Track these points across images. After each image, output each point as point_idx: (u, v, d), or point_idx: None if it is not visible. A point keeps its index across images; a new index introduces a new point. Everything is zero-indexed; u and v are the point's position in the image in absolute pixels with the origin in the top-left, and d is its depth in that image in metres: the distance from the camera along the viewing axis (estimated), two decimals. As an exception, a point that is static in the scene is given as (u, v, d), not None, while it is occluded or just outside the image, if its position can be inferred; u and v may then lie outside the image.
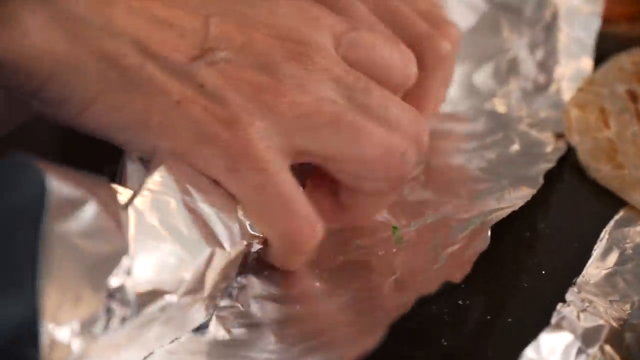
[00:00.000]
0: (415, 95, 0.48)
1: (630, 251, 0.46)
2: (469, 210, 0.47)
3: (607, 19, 0.65)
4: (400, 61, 0.44)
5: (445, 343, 0.41)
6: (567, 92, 0.57)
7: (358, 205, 0.45)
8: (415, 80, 0.46)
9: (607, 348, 0.40)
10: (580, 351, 0.40)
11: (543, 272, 0.45)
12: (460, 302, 0.44)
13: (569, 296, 0.42)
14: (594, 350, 0.40)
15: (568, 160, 0.53)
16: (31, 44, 0.37)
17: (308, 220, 0.41)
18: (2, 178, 0.32)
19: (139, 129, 0.39)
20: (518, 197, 0.48)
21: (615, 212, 0.49)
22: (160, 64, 0.39)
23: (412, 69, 0.45)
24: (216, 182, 0.40)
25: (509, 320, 0.43)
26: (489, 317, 0.43)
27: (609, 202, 0.50)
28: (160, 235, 0.37)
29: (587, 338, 0.40)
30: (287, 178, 0.40)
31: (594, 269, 0.45)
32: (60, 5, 0.37)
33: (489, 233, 0.44)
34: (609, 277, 0.45)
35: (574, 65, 0.59)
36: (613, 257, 0.46)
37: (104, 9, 0.38)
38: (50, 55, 0.37)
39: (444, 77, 0.50)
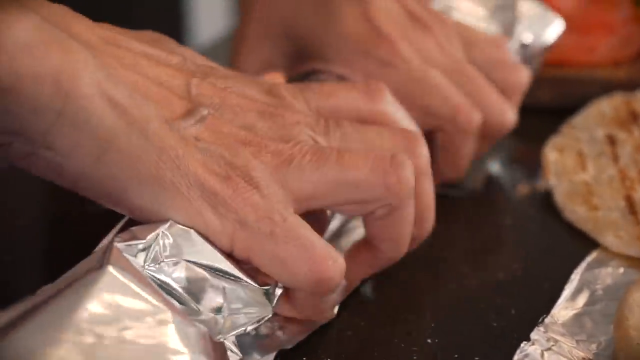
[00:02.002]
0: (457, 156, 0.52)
1: (601, 292, 0.47)
2: None
3: (591, 64, 0.66)
4: (361, 100, 0.46)
5: (411, 380, 0.42)
6: None
7: (382, 231, 0.44)
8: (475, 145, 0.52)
9: (569, 386, 0.41)
10: (541, 389, 0.40)
11: (513, 311, 0.46)
12: (429, 340, 0.44)
13: (534, 335, 0.43)
14: (555, 388, 0.40)
15: (545, 202, 0.54)
16: (42, 76, 0.37)
17: (329, 256, 0.41)
18: None
19: (152, 188, 0.39)
20: None
21: (588, 253, 0.49)
22: (161, 118, 0.40)
23: (375, 104, 0.46)
24: None
25: (476, 358, 0.43)
26: (456, 356, 0.43)
27: (583, 243, 0.50)
28: None
29: (549, 376, 0.41)
30: (297, 220, 0.41)
31: (564, 309, 0.46)
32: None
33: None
34: (578, 317, 0.45)
35: None
36: (583, 297, 0.46)
37: (106, 60, 0.40)
38: (59, 91, 0.37)
39: (495, 141, 0.55)
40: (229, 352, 0.41)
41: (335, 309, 0.45)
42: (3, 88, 0.37)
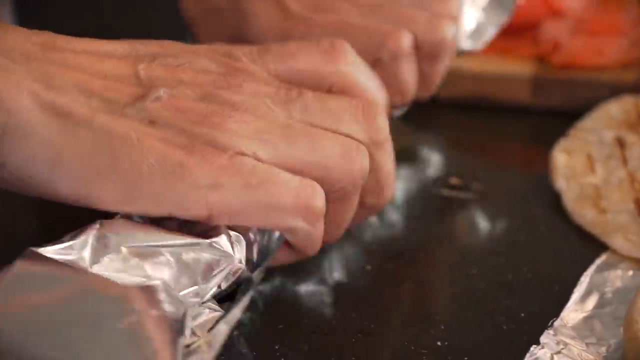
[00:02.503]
0: (421, 83, 0.53)
1: (610, 295, 0.47)
2: None
3: (599, 66, 0.66)
4: (322, 61, 0.47)
5: (421, 383, 0.42)
6: None
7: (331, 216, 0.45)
8: (414, 66, 0.52)
9: (579, 389, 0.41)
10: (551, 392, 0.40)
11: (522, 314, 0.46)
12: (438, 342, 0.44)
13: (543, 338, 0.43)
14: (565, 392, 0.40)
15: (554, 205, 0.54)
16: None
17: (306, 183, 0.42)
18: None
19: (114, 177, 0.40)
20: None
21: (598, 256, 0.49)
22: (109, 109, 0.40)
23: (337, 66, 0.47)
24: None
25: (485, 361, 0.43)
26: (465, 359, 0.43)
27: (592, 246, 0.50)
28: None
29: (559, 380, 0.41)
30: (266, 164, 0.41)
31: (573, 312, 0.46)
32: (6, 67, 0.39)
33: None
34: (587, 320, 0.45)
35: None
36: (592, 300, 0.46)
37: (44, 68, 0.40)
38: (0, 108, 0.38)
39: (446, 62, 0.54)
40: (209, 312, 0.41)
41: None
42: None
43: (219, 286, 0.41)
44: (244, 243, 0.42)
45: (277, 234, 0.44)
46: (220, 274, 0.41)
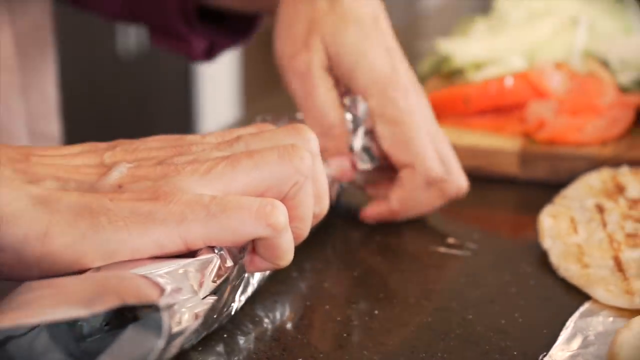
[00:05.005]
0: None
1: (593, 337, 0.52)
2: None
3: (580, 143, 0.73)
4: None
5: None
6: None
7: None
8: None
9: (567, 414, 0.46)
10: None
11: (515, 352, 0.51)
12: (440, 377, 0.50)
13: (535, 372, 0.48)
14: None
15: (541, 262, 0.60)
16: None
17: (264, 202, 0.48)
18: None
19: (97, 236, 0.46)
20: None
21: (581, 304, 0.55)
22: (83, 188, 0.48)
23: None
24: None
25: (483, 392, 0.48)
26: (464, 391, 0.49)
27: (576, 296, 0.56)
28: None
29: (550, 404, 0.46)
30: (224, 195, 0.48)
31: (560, 351, 0.51)
32: None
33: None
34: (573, 358, 0.50)
35: None
36: (577, 341, 0.52)
37: (26, 168, 0.48)
38: None
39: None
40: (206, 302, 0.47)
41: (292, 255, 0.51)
42: None
43: (214, 281, 0.48)
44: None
45: None
46: (211, 274, 0.47)
